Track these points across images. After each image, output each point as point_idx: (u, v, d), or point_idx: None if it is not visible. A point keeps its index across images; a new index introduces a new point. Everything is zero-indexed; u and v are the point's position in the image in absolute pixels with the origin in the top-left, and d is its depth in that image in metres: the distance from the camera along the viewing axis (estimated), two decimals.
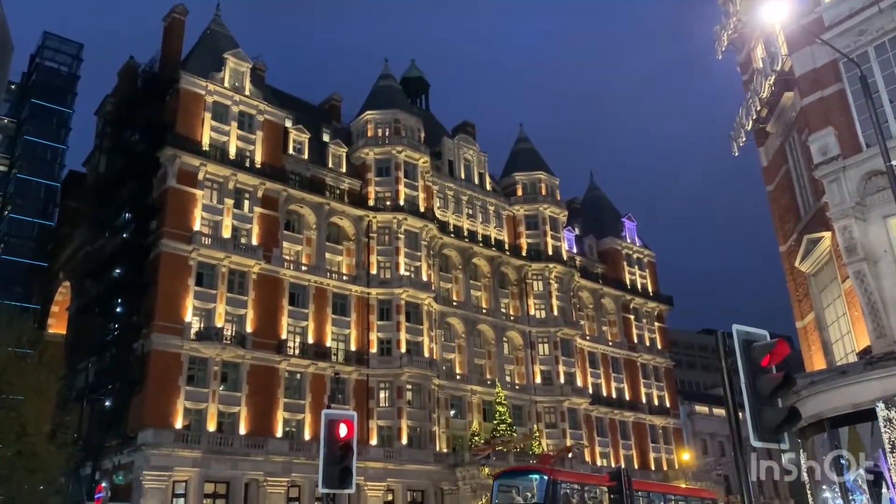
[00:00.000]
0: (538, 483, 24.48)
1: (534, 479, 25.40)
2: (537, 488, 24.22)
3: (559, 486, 23.82)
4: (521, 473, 29.86)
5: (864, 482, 16.50)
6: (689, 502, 32.82)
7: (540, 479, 24.65)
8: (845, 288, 18.04)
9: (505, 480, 26.94)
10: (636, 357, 74.13)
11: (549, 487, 23.15)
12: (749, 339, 7.97)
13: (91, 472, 43.69)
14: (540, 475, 25.39)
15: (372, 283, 55.01)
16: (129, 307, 46.37)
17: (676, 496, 32.46)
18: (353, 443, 11.96)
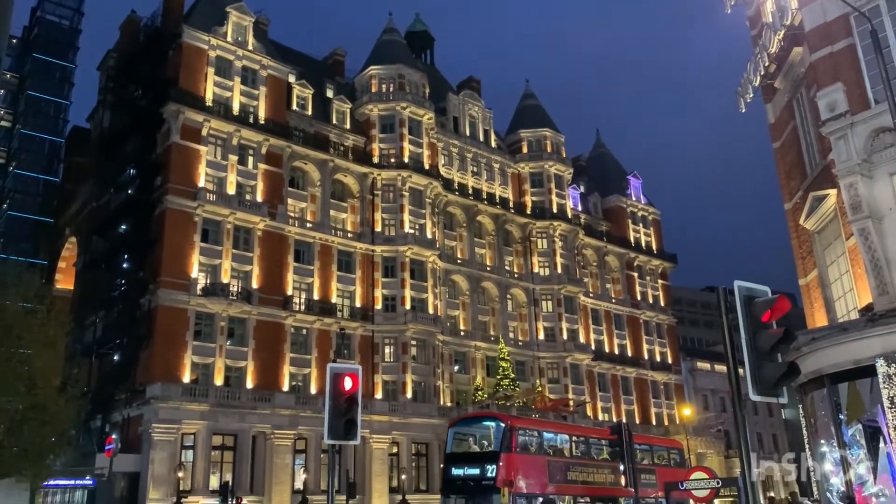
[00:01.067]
0: (494, 430, 23.62)
1: (490, 425, 24.44)
2: (494, 435, 23.39)
3: (516, 433, 22.97)
4: (478, 420, 28.49)
5: (861, 437, 16.74)
6: (655, 452, 31.33)
7: (496, 425, 23.70)
8: (849, 245, 18.04)
9: (461, 428, 25.80)
10: (639, 314, 74.56)
11: (505, 434, 22.35)
12: (750, 294, 8.03)
13: (101, 424, 44.51)
14: (496, 422, 24.45)
15: (377, 241, 55.14)
16: (136, 263, 46.65)
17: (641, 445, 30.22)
18: (358, 396, 12.11)
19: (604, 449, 26.25)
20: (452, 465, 22.92)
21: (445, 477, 23.12)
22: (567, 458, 24.12)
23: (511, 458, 21.67)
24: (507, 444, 22.01)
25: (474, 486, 21.62)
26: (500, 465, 21.21)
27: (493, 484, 20.83)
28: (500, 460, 21.43)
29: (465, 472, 22.41)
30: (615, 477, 24.39)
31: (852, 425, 16.95)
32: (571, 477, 23.54)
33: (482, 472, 21.76)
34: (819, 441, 18.55)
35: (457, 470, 22.73)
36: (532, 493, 21.68)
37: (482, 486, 21.16)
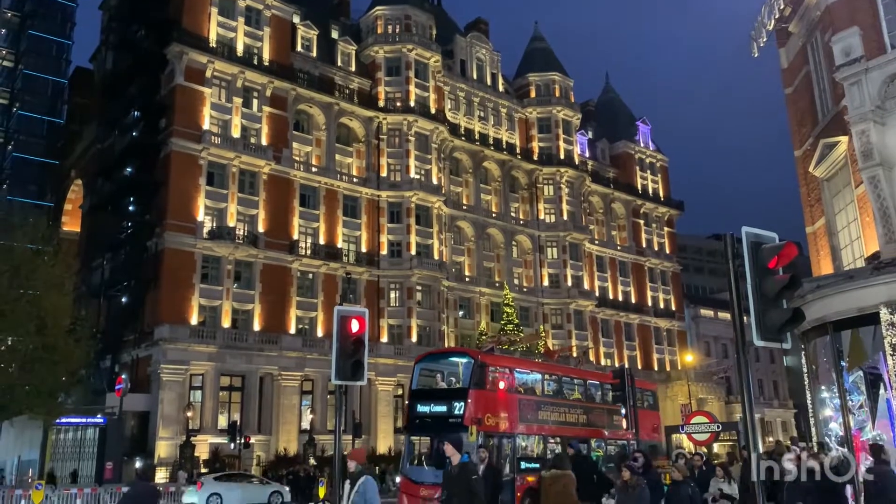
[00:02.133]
0: (464, 366, 22.28)
1: (460, 361, 23.12)
2: (463, 372, 22.12)
3: (487, 370, 21.63)
4: (446, 356, 27.06)
5: (862, 384, 16.90)
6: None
7: (466, 361, 22.39)
8: (858, 193, 17.91)
9: (427, 364, 24.13)
10: (644, 261, 74.65)
11: (475, 371, 20.99)
12: (758, 241, 7.99)
13: (110, 364, 45.20)
14: (466, 357, 23.21)
15: (382, 186, 54.94)
16: (142, 206, 46.69)
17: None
18: (365, 338, 12.24)
19: (575, 388, 25.48)
20: (418, 402, 21.52)
21: (410, 414, 21.60)
22: (539, 396, 23.02)
23: (480, 396, 20.55)
24: (476, 380, 20.76)
25: (441, 424, 20.20)
26: (468, 403, 20.00)
27: (460, 422, 19.59)
28: (469, 397, 20.20)
29: (432, 410, 21.08)
30: (587, 417, 24.02)
31: (853, 372, 17.10)
32: (542, 416, 22.49)
33: (449, 409, 20.44)
34: (819, 387, 18.76)
35: (422, 407, 21.41)
36: (502, 432, 20.62)
37: (449, 424, 19.81)
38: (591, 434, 23.73)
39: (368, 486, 8.40)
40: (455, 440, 19.83)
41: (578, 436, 22.80)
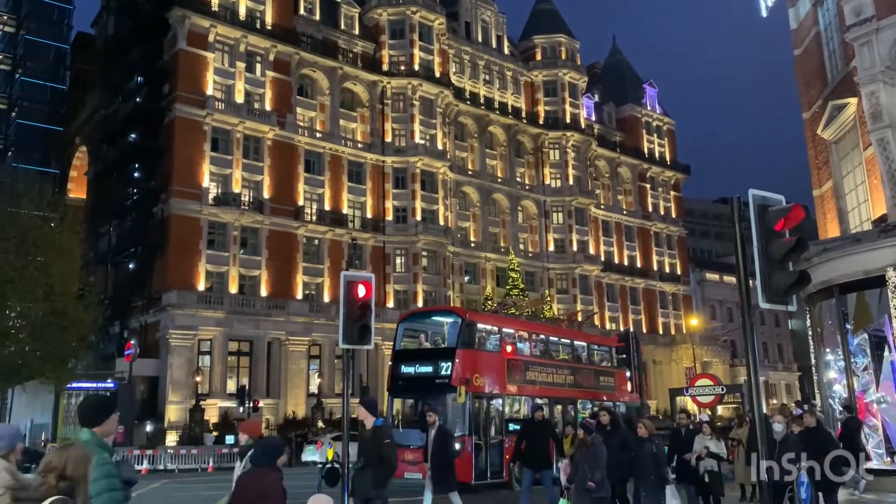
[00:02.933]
0: (451, 325, 21.25)
1: (446, 320, 22.08)
2: (450, 331, 21.11)
3: (475, 329, 20.66)
4: (431, 315, 25.79)
5: (867, 346, 16.98)
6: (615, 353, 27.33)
7: (453, 320, 21.37)
8: (866, 156, 17.80)
9: (411, 323, 22.89)
10: (650, 226, 74.50)
11: (463, 330, 20.02)
12: (764, 203, 7.94)
13: (119, 330, 45.61)
14: (453, 316, 22.20)
15: (387, 152, 54.71)
16: (147, 172, 46.65)
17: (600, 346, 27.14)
18: (371, 303, 12.32)
19: (560, 349, 24.68)
20: (401, 362, 20.59)
21: (393, 375, 20.58)
22: (527, 357, 22.16)
23: (468, 356, 19.72)
24: (464, 340, 19.86)
25: (427, 385, 19.52)
26: (456, 363, 19.11)
27: (447, 382, 18.88)
28: (457, 357, 19.30)
29: (417, 371, 20.19)
30: (575, 378, 23.41)
31: (858, 334, 17.17)
32: (531, 377, 21.71)
33: (436, 369, 19.61)
34: (824, 350, 18.86)
35: (407, 368, 20.50)
36: (489, 393, 19.84)
37: (436, 385, 19.19)
38: (579, 395, 23.15)
39: None
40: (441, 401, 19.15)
41: (566, 397, 22.34)
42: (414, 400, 20.42)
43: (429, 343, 21.47)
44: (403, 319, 23.02)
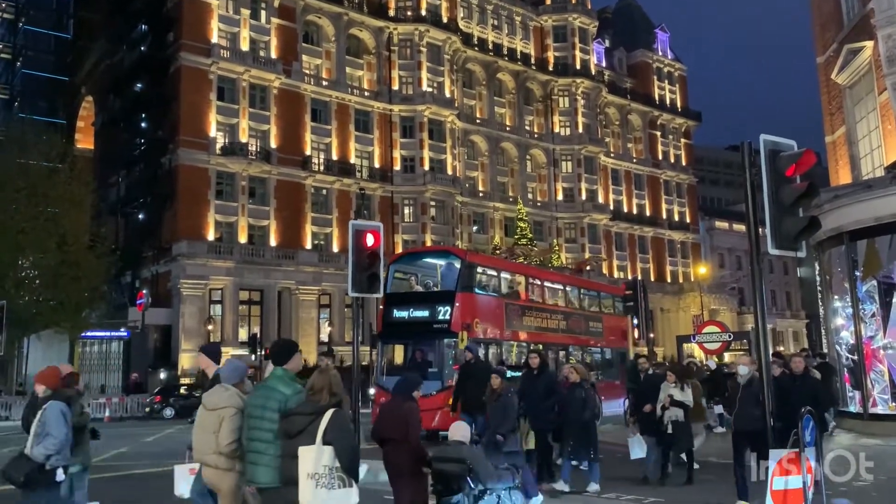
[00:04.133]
0: (447, 267, 19.95)
1: (442, 262, 20.60)
2: (447, 273, 19.81)
3: (475, 271, 19.45)
4: (427, 255, 23.92)
5: (875, 293, 16.99)
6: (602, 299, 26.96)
7: (452, 262, 19.93)
8: (881, 101, 17.53)
9: (405, 265, 21.33)
10: (660, 174, 73.97)
11: (463, 272, 18.81)
12: (776, 149, 7.86)
13: (131, 280, 46.07)
14: (452, 257, 20.70)
15: (394, 100, 54.17)
16: (154, 122, 46.46)
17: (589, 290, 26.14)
18: (380, 252, 12.40)
19: (558, 293, 23.94)
20: (394, 306, 19.07)
21: (384, 320, 19.15)
22: (524, 301, 21.28)
23: (469, 299, 18.63)
24: (464, 283, 18.72)
25: (422, 331, 18.34)
26: (456, 307, 17.97)
27: (447, 327, 17.82)
28: (457, 301, 18.14)
29: (411, 315, 18.90)
30: (567, 324, 22.83)
31: (867, 281, 17.17)
32: (527, 322, 20.95)
33: (432, 314, 18.38)
34: (833, 297, 18.88)
35: (399, 312, 19.06)
36: (488, 339, 19.02)
37: (433, 330, 18.10)
38: (570, 341, 22.73)
39: (50, 413, 6.36)
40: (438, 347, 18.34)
41: (559, 343, 21.85)
42: (405, 345, 19.35)
43: (419, 286, 20.05)
44: (395, 260, 21.29)
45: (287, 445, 4.96)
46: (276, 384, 5.46)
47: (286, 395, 5.34)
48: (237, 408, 5.65)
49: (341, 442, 4.79)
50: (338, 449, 4.76)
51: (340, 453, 4.76)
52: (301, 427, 4.87)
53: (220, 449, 5.61)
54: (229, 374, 6.01)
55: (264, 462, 5.24)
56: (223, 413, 5.66)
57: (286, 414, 5.11)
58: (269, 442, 5.23)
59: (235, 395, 5.78)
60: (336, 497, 4.76)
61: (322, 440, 4.75)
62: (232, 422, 5.61)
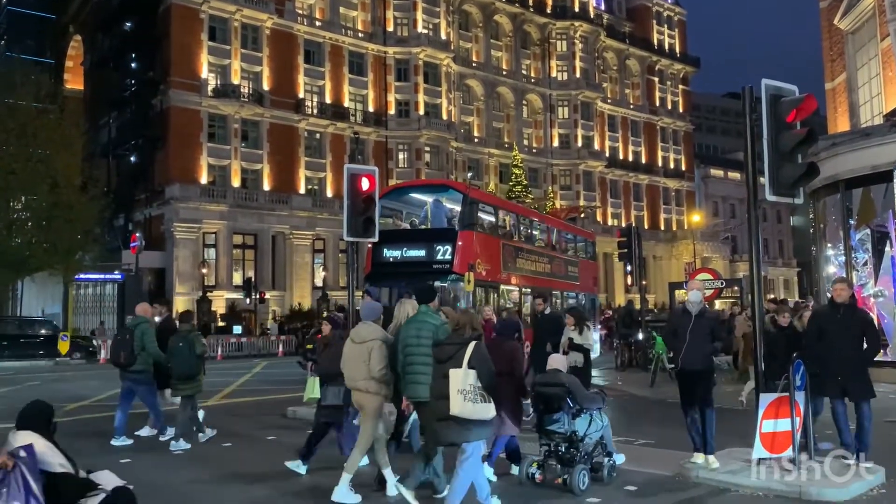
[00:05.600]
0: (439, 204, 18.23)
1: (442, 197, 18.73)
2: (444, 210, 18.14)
3: (476, 208, 17.87)
4: (421, 189, 21.41)
5: (868, 241, 17.07)
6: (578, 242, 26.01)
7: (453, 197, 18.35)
8: (883, 47, 17.32)
9: (393, 200, 19.24)
10: (656, 120, 73.41)
11: (465, 208, 17.38)
12: (777, 94, 7.80)
13: (124, 223, 45.87)
14: (452, 192, 18.83)
15: (389, 42, 53.21)
16: (144, 62, 45.61)
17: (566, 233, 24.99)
18: (376, 196, 12.34)
19: (546, 236, 23.00)
20: (384, 245, 17.04)
21: (373, 260, 17.43)
22: (516, 242, 20.00)
23: (471, 238, 17.13)
24: (467, 220, 17.28)
25: (419, 272, 16.64)
26: (459, 245, 16.61)
27: (448, 268, 16.49)
28: (460, 239, 16.73)
29: (405, 254, 17.30)
30: (551, 268, 21.93)
31: (861, 230, 17.23)
32: (520, 265, 19.79)
33: (430, 253, 16.96)
34: (825, 246, 18.97)
35: (391, 251, 17.30)
36: (486, 282, 17.76)
37: (433, 271, 16.61)
38: (555, 286, 22.10)
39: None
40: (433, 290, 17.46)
41: (546, 287, 21.29)
42: (391, 287, 17.59)
43: (405, 224, 18.58)
44: (385, 195, 18.89)
45: (438, 368, 6.14)
46: (425, 318, 6.76)
47: (435, 324, 6.68)
48: (382, 339, 6.87)
49: (482, 367, 5.88)
50: (479, 372, 5.85)
51: (481, 376, 5.85)
52: (450, 354, 6.03)
53: (372, 374, 6.79)
54: (368, 312, 7.19)
55: (423, 381, 6.46)
56: (371, 345, 6.82)
57: (437, 343, 6.35)
58: (427, 364, 6.44)
59: (379, 329, 6.99)
60: (479, 409, 5.85)
61: (467, 365, 5.84)
62: (380, 351, 6.80)
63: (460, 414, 5.83)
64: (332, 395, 8.10)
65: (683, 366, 7.78)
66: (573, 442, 7.35)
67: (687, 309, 7.94)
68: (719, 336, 7.89)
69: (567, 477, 7.14)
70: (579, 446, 7.34)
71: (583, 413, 7.39)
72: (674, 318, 8.50)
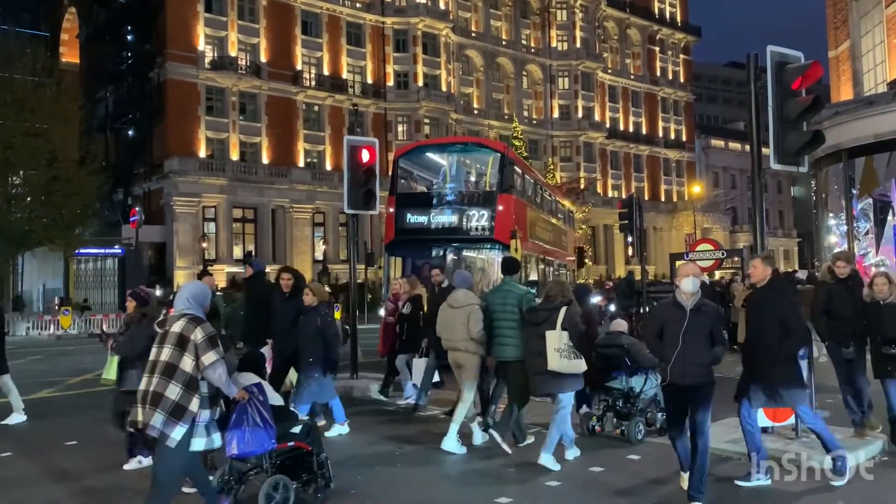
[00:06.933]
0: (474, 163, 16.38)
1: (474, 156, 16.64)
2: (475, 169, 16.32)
3: (513, 171, 15.68)
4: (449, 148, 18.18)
5: (870, 210, 17.03)
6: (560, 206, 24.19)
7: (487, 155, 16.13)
8: (888, 13, 17.12)
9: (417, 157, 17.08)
10: (657, 91, 72.85)
11: (504, 168, 15.19)
12: (783, 60, 7.70)
13: (123, 197, 45.75)
14: (486, 150, 16.67)
15: (387, 12, 52.63)
16: (141, 35, 45.17)
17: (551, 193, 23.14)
18: (376, 168, 12.28)
19: (554, 203, 21.96)
20: (408, 209, 15.24)
21: (397, 227, 15.30)
22: (536, 209, 18.40)
23: (510, 202, 14.97)
24: (506, 182, 15.05)
25: (452, 240, 14.97)
26: (500, 210, 14.52)
27: (489, 235, 14.55)
28: (500, 203, 14.64)
29: (433, 220, 15.06)
30: (553, 236, 20.88)
31: (863, 199, 17.18)
32: (538, 234, 18.43)
33: (463, 220, 14.87)
34: (827, 215, 18.92)
35: (417, 217, 15.19)
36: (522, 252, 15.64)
37: (471, 239, 14.91)
38: (555, 255, 21.31)
39: None
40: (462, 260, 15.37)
41: (551, 257, 20.77)
42: (406, 259, 15.78)
43: (421, 186, 16.49)
44: (404, 153, 17.12)
45: (532, 330, 7.02)
46: (511, 287, 7.72)
47: (520, 293, 7.63)
48: (478, 304, 7.68)
49: (574, 329, 6.88)
50: (571, 333, 6.84)
51: (573, 336, 6.84)
52: (544, 318, 6.93)
53: (471, 335, 7.54)
54: (462, 281, 8.16)
55: (510, 343, 7.43)
56: (469, 309, 7.60)
57: (532, 309, 7.27)
58: (513, 328, 7.40)
59: (474, 295, 7.89)
60: (573, 364, 6.82)
61: (561, 326, 6.77)
62: (477, 314, 7.56)
63: (558, 369, 6.74)
64: (130, 381, 6.59)
65: (674, 379, 5.72)
66: (630, 398, 8.02)
67: (679, 302, 5.80)
68: (720, 339, 5.81)
69: (624, 428, 7.88)
70: (636, 402, 7.98)
71: (639, 372, 7.98)
72: (660, 314, 6.19)
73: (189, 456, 4.76)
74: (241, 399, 5.11)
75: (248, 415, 5.12)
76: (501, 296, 7.65)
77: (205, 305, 5.01)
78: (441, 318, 7.90)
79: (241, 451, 5.14)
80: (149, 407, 4.61)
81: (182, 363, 4.65)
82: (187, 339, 4.69)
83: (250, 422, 5.11)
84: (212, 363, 4.67)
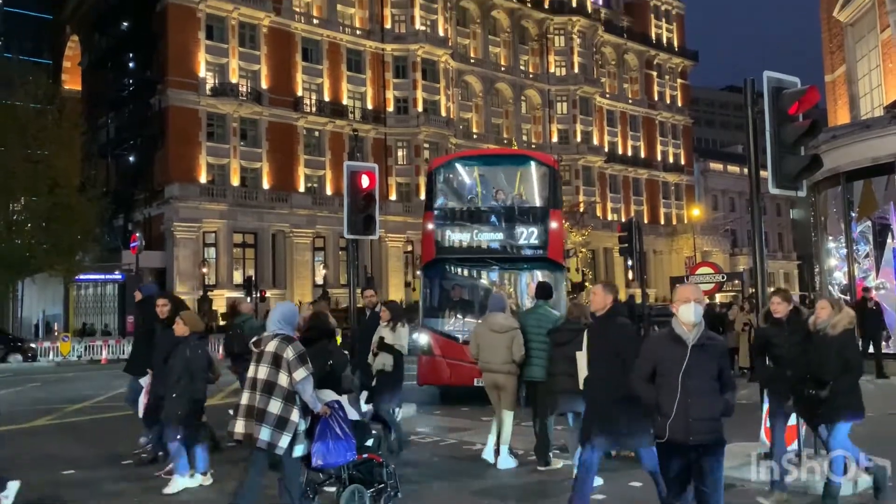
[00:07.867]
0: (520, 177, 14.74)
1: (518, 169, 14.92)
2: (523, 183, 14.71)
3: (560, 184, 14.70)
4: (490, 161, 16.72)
5: (870, 233, 17.05)
6: None
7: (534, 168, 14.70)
8: (883, 38, 17.28)
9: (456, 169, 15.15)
10: (655, 115, 73.32)
11: (552, 183, 14.04)
12: (779, 86, 7.76)
13: (123, 223, 45.82)
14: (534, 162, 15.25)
15: (387, 39, 53.13)
16: (142, 62, 45.57)
17: None
18: (376, 193, 12.29)
19: None
20: (447, 227, 13.70)
21: (437, 246, 13.56)
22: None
23: (561, 219, 14.03)
24: (558, 198, 14.03)
25: (502, 259, 13.72)
26: (552, 228, 13.34)
27: (542, 254, 13.28)
28: (552, 219, 13.47)
29: (477, 238, 13.60)
30: None
31: (862, 222, 17.21)
32: None
33: (512, 237, 13.42)
34: (826, 238, 18.94)
35: (459, 234, 13.68)
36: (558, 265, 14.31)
37: (523, 258, 13.61)
38: None
39: None
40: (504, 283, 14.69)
41: None
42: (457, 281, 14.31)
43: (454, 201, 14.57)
44: (445, 164, 15.49)
45: (557, 350, 7.29)
46: (546, 312, 8.17)
47: (556, 317, 8.07)
48: (519, 328, 8.04)
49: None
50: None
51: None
52: (569, 339, 7.02)
53: (514, 358, 7.93)
54: (496, 303, 8.43)
55: (538, 364, 7.80)
56: (513, 333, 7.96)
57: (555, 330, 7.58)
58: (544, 350, 7.73)
59: (514, 319, 8.22)
60: None
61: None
62: (520, 338, 7.94)
63: None
64: None
65: (675, 437, 4.36)
66: None
67: (677, 335, 4.47)
68: (730, 382, 4.52)
69: None
70: None
71: None
72: (651, 350, 4.69)
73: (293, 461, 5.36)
74: (323, 414, 5.46)
75: (330, 428, 5.49)
76: (536, 319, 8.06)
77: (294, 324, 5.60)
78: (480, 341, 8.19)
79: (326, 462, 5.52)
80: (254, 422, 5.18)
81: (279, 380, 5.22)
82: (281, 357, 5.22)
83: (333, 434, 5.48)
84: (302, 379, 5.21)
